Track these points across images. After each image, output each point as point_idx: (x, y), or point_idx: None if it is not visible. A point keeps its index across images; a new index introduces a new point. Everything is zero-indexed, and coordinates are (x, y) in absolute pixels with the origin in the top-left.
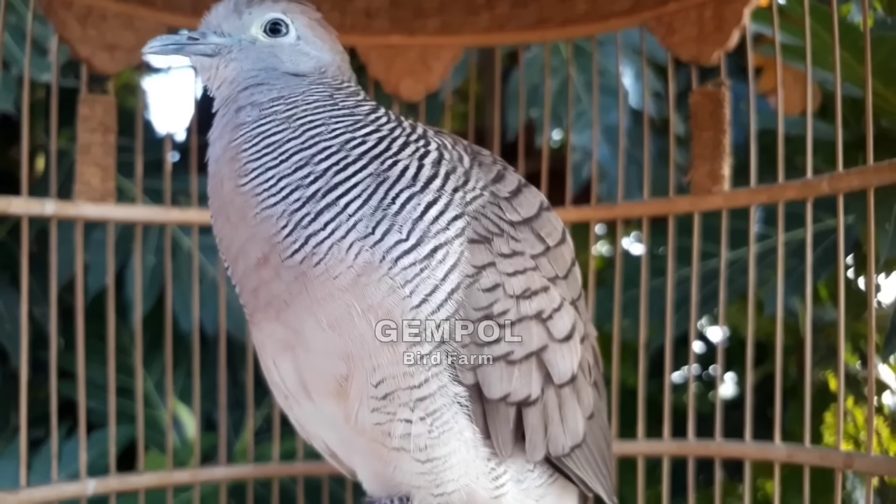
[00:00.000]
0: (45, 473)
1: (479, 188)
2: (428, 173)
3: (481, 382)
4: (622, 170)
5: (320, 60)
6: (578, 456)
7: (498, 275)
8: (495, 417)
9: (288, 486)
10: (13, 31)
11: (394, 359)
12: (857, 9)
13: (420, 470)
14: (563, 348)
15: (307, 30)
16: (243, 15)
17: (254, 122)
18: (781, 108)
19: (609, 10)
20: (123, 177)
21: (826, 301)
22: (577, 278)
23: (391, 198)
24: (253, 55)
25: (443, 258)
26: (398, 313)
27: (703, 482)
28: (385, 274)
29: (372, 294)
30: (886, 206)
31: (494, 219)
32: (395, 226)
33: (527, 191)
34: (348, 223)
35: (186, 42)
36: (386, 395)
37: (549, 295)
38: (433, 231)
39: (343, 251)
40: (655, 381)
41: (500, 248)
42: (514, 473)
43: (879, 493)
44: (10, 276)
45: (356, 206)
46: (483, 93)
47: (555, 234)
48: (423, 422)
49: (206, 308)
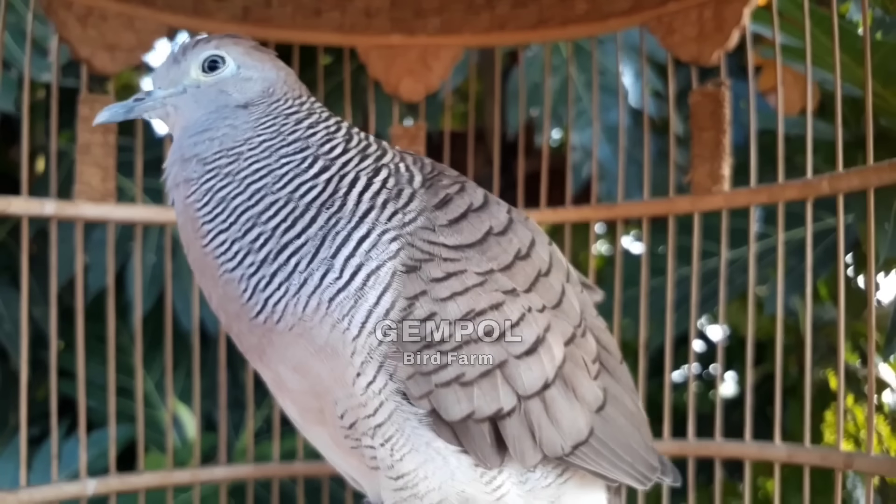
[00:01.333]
0: (46, 473)
1: (416, 211)
2: (365, 207)
3: (437, 407)
4: (622, 169)
5: (265, 80)
6: (586, 452)
7: (432, 303)
8: (467, 435)
9: (288, 486)
10: (13, 31)
11: (348, 392)
12: (856, 7)
13: (395, 486)
14: (527, 361)
15: (245, 57)
16: (181, 63)
17: (200, 178)
18: (781, 108)
19: (609, 11)
20: (123, 176)
21: (826, 300)
22: (553, 286)
23: (329, 242)
24: (201, 99)
25: (373, 283)
26: (341, 347)
27: (704, 482)
28: (325, 314)
29: (318, 335)
30: (886, 206)
31: (425, 246)
32: (332, 269)
33: (474, 216)
34: (299, 280)
35: (134, 104)
36: (351, 424)
37: (501, 311)
38: (365, 263)
39: (293, 305)
40: (655, 380)
41: (431, 272)
42: (515, 476)
43: (880, 492)
44: (11, 277)
45: (305, 262)
46: (483, 92)
47: (503, 257)
48: (383, 447)
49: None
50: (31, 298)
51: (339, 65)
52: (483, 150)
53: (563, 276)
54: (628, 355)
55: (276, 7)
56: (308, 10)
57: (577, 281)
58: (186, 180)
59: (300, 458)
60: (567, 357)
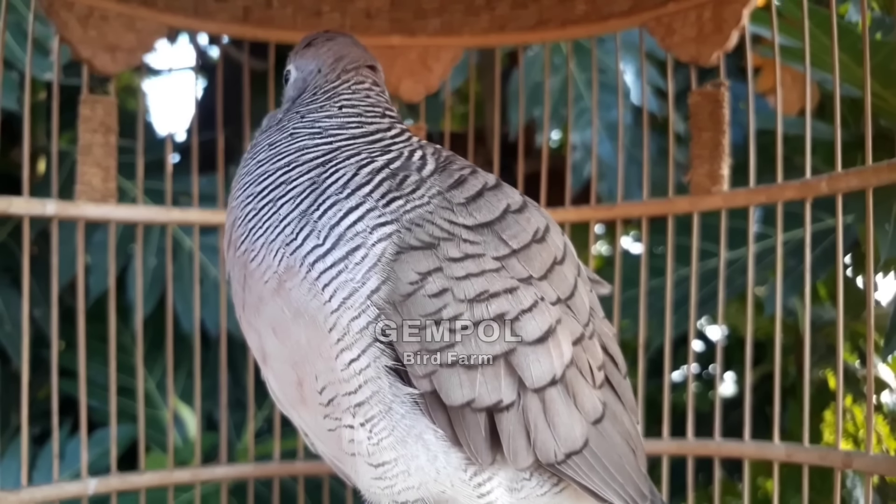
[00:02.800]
0: (47, 473)
1: (430, 195)
2: (359, 181)
3: (438, 388)
4: (622, 169)
5: (304, 75)
6: (579, 463)
7: (446, 279)
8: (462, 424)
9: (289, 485)
10: (14, 31)
11: (328, 365)
12: (855, 8)
13: (374, 475)
14: (537, 351)
15: (300, 59)
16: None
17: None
18: (780, 108)
19: (609, 11)
20: (124, 178)
21: (825, 300)
22: (566, 277)
23: (317, 204)
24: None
25: (360, 260)
26: (321, 318)
27: (703, 481)
28: (303, 278)
29: (296, 297)
30: (885, 206)
31: (443, 224)
32: (314, 231)
33: (490, 194)
34: (280, 225)
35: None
36: (329, 401)
37: (515, 297)
38: (348, 235)
39: (272, 254)
40: (655, 381)
41: (449, 251)
42: (505, 482)
43: (879, 491)
44: (12, 278)
45: (288, 208)
46: (483, 93)
47: (522, 236)
48: (363, 427)
49: (207, 308)
50: (32, 299)
51: None
52: (483, 151)
53: (576, 269)
54: (628, 355)
55: (277, 8)
56: (309, 11)
57: (587, 278)
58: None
59: (301, 457)
60: (574, 359)
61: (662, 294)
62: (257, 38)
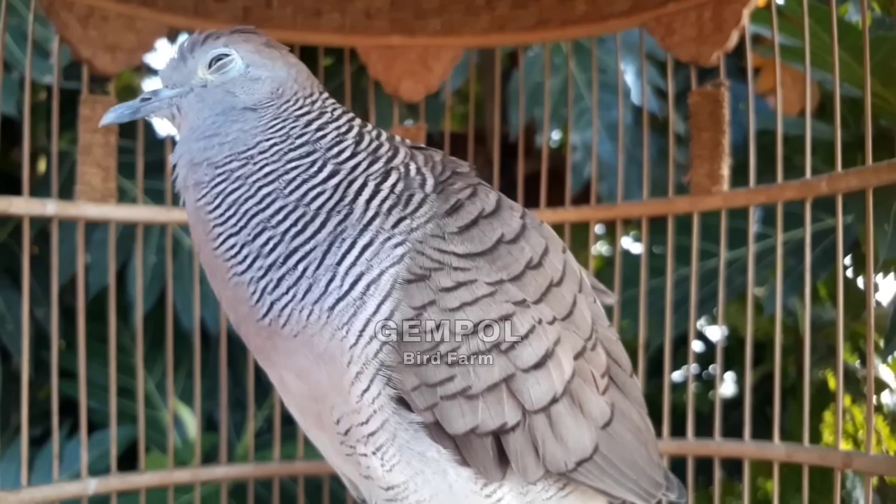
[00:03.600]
0: (47, 473)
1: (426, 217)
2: (371, 214)
3: (440, 420)
4: (622, 169)
5: (275, 79)
6: (590, 469)
7: (440, 313)
8: (469, 448)
9: (289, 485)
10: (14, 32)
11: (343, 398)
12: (855, 8)
13: (386, 497)
14: (535, 375)
15: (254, 55)
16: (188, 61)
17: (210, 182)
18: (780, 108)
19: (608, 11)
20: (125, 178)
21: (825, 300)
22: (564, 296)
23: (339, 254)
24: (207, 99)
25: (374, 291)
26: (338, 355)
27: (703, 483)
28: (326, 322)
29: (318, 343)
30: (885, 206)
31: (434, 254)
32: (336, 276)
33: (485, 223)
34: (305, 286)
35: (140, 104)
36: (346, 431)
37: (511, 323)
38: (366, 272)
39: (298, 312)
40: (655, 381)
41: (441, 282)
42: (514, 487)
43: (879, 492)
44: (12, 277)
45: (312, 269)
46: (483, 93)
47: (514, 266)
48: (374, 455)
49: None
50: (32, 299)
51: (339, 66)
52: (483, 151)
53: (576, 286)
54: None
55: (277, 8)
56: (308, 10)
57: (590, 290)
58: (197, 184)
59: (301, 457)
60: (576, 371)
61: (662, 294)
62: None
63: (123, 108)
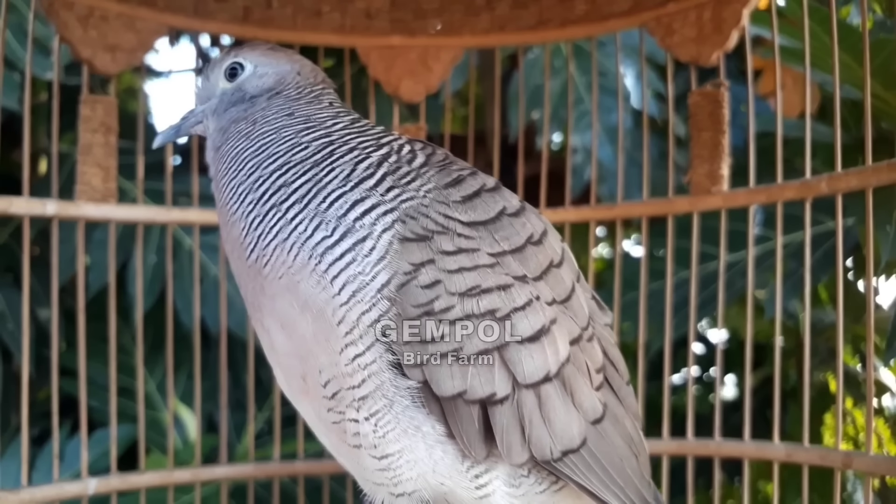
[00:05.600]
0: (48, 473)
1: (426, 189)
2: (361, 174)
3: (429, 379)
4: (622, 171)
5: (279, 73)
6: (576, 462)
7: (438, 272)
8: (455, 416)
9: (289, 486)
10: (15, 30)
11: (333, 359)
12: (857, 10)
13: (378, 466)
14: (529, 347)
15: (261, 57)
16: (210, 77)
17: (224, 140)
18: (780, 110)
19: (608, 12)
20: (125, 178)
21: (826, 303)
22: (564, 279)
23: (322, 197)
24: (226, 99)
25: (368, 251)
26: (329, 311)
27: (703, 485)
28: (313, 269)
29: (304, 290)
30: (886, 208)
31: (438, 217)
32: (322, 222)
33: (487, 195)
34: (290, 225)
35: (181, 123)
36: (334, 394)
37: (508, 293)
38: (356, 226)
39: (286, 252)
40: (655, 383)
41: (443, 245)
42: (504, 476)
43: (879, 493)
44: (13, 277)
45: (296, 209)
46: (483, 95)
47: (515, 238)
48: (367, 421)
49: (207, 307)
50: (33, 298)
51: (340, 67)
52: (483, 153)
53: (574, 274)
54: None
55: (277, 8)
56: (309, 11)
57: (587, 287)
58: (216, 146)
59: (301, 457)
60: (570, 357)
61: (662, 296)
62: (257, 38)
63: (169, 130)
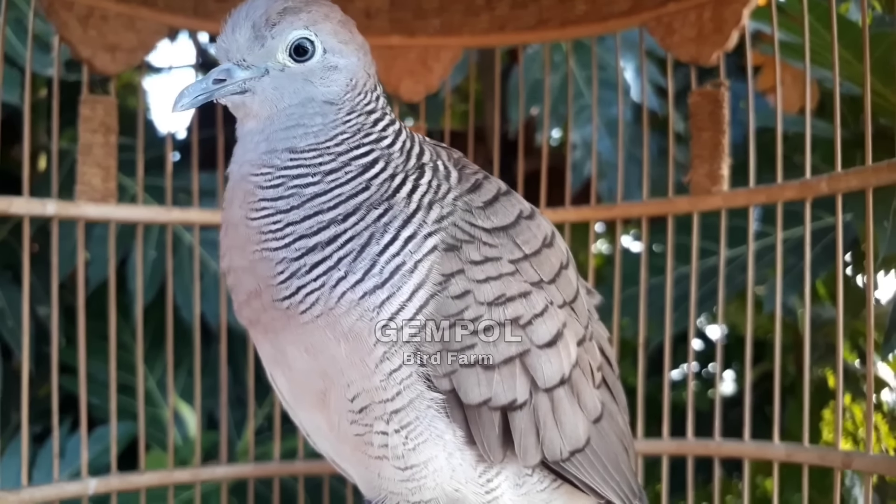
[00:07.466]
0: (47, 472)
1: (453, 199)
2: (413, 208)
3: (457, 388)
4: (622, 167)
5: (349, 69)
6: (581, 461)
7: (468, 282)
8: (478, 422)
9: (289, 484)
10: (16, 27)
11: (365, 374)
12: (856, 6)
13: (401, 477)
14: (548, 353)
15: (332, 38)
16: (266, 41)
17: (282, 165)
18: (780, 107)
19: (608, 11)
20: (125, 175)
21: (825, 299)
22: (571, 281)
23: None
24: (287, 87)
25: (410, 278)
26: (366, 333)
27: (702, 481)
28: (357, 305)
29: (344, 323)
30: (885, 203)
31: (466, 227)
32: (375, 265)
33: (504, 199)
34: (339, 272)
35: (214, 87)
36: (362, 408)
37: (529, 300)
38: (407, 260)
39: (333, 300)
40: (654, 379)
41: (471, 254)
42: (511, 477)
43: (878, 490)
44: (13, 274)
45: (348, 260)
46: (483, 92)
47: (533, 242)
48: (398, 434)
49: (207, 303)
50: (33, 296)
51: None
52: (483, 150)
53: (576, 273)
54: (628, 354)
55: None
56: None
57: (583, 282)
58: (263, 164)
59: (301, 456)
60: (578, 359)
61: (662, 292)
62: None
63: (196, 90)
